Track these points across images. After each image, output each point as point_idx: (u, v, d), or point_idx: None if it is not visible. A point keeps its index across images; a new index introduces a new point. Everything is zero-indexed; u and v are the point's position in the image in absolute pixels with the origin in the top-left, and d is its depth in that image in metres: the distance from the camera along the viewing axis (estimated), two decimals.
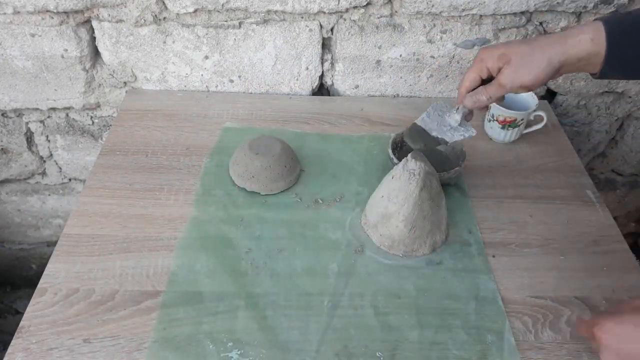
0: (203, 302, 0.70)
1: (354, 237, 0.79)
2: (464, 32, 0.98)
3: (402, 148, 0.90)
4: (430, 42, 0.99)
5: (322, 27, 0.98)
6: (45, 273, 0.72)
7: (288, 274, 0.74)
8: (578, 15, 0.97)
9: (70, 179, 1.25)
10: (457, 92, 0.71)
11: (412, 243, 0.76)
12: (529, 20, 0.98)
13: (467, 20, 0.97)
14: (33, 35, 0.95)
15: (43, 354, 0.63)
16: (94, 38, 0.98)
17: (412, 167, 0.73)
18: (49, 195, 1.29)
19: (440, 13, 0.95)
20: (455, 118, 0.73)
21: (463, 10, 0.95)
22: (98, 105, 1.09)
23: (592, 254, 0.79)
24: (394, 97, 1.09)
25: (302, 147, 0.94)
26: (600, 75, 0.59)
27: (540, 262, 0.77)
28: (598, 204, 0.87)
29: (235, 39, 0.99)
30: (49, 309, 0.68)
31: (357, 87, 1.07)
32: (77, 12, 0.93)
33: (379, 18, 0.97)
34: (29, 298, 0.69)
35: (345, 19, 0.97)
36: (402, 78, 1.06)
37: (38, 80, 1.03)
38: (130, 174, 0.88)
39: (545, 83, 0.61)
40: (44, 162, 1.21)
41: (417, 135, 0.75)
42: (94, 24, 0.96)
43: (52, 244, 1.42)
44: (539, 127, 0.97)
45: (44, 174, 1.24)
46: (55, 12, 0.92)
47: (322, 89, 1.10)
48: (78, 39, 0.96)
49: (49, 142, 1.17)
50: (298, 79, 1.06)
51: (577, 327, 0.61)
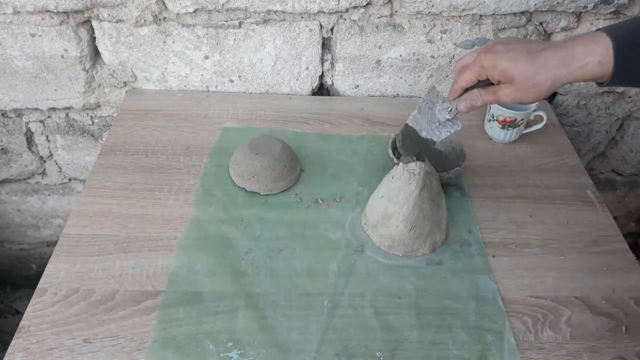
0: (203, 302, 0.70)
1: (354, 237, 0.79)
2: (464, 32, 0.98)
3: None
4: (430, 42, 0.99)
5: (322, 27, 0.98)
6: (45, 273, 0.72)
7: (288, 274, 0.74)
8: (578, 15, 0.97)
9: (70, 179, 1.25)
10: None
11: (412, 243, 0.76)
12: (529, 20, 0.98)
13: (467, 20, 0.97)
14: (33, 35, 0.95)
15: (43, 354, 0.63)
16: (94, 38, 0.99)
17: (412, 167, 0.73)
18: (49, 195, 1.29)
19: (440, 13, 0.95)
20: (445, 116, 0.72)
21: (463, 10, 0.95)
22: (98, 105, 1.09)
23: (592, 254, 0.79)
24: (394, 97, 1.09)
25: (302, 147, 0.94)
26: (606, 85, 0.57)
27: (540, 262, 0.77)
28: (598, 204, 0.87)
29: (235, 39, 0.99)
30: (49, 309, 0.68)
31: (357, 87, 1.07)
32: (77, 12, 0.93)
33: (379, 18, 0.97)
34: (29, 298, 0.69)
35: (345, 19, 0.97)
36: (402, 78, 1.06)
37: (38, 80, 1.03)
38: (130, 174, 0.88)
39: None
40: (44, 162, 1.21)
41: (409, 144, 0.75)
42: (94, 24, 0.96)
43: (52, 244, 1.42)
44: (539, 127, 0.97)
45: (44, 174, 1.24)
46: (55, 12, 0.92)
47: (322, 89, 1.10)
48: (78, 39, 0.96)
49: (49, 142, 1.17)
50: (298, 79, 1.06)
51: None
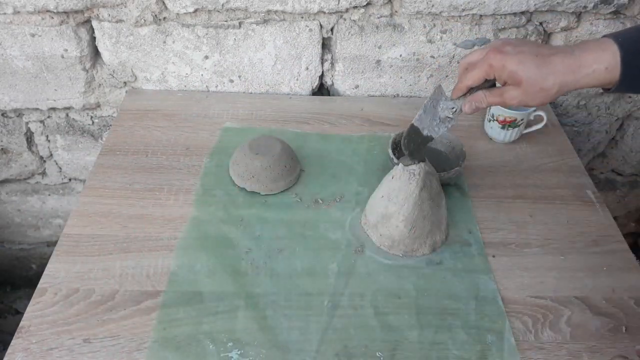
0: (203, 302, 0.70)
1: (354, 237, 0.79)
2: (464, 32, 0.98)
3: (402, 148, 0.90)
4: (430, 42, 0.99)
5: (322, 27, 0.98)
6: (45, 273, 0.72)
7: (288, 274, 0.74)
8: (578, 15, 0.97)
9: (70, 179, 1.25)
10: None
11: (412, 243, 0.76)
12: (529, 20, 0.98)
13: (467, 20, 0.97)
14: (33, 35, 0.95)
15: (43, 354, 0.63)
16: (94, 38, 0.99)
17: (412, 167, 0.73)
18: (49, 195, 1.29)
19: (440, 13, 0.95)
20: (447, 115, 0.72)
21: (463, 10, 0.95)
22: (98, 105, 1.09)
23: (592, 254, 0.79)
24: (394, 97, 1.09)
25: (302, 147, 0.94)
26: (611, 92, 0.58)
27: (540, 262, 0.77)
28: (598, 204, 0.87)
29: (235, 39, 0.99)
30: (49, 309, 0.68)
31: (357, 87, 1.07)
32: (77, 12, 0.93)
33: (379, 18, 0.97)
34: (29, 298, 0.69)
35: (345, 19, 0.97)
36: (402, 78, 1.06)
37: (38, 80, 1.03)
38: (130, 174, 0.88)
39: None
40: (44, 162, 1.21)
41: (410, 143, 0.74)
42: (94, 24, 0.96)
43: (52, 244, 1.42)
44: (539, 127, 0.97)
45: (44, 174, 1.24)
46: (55, 12, 0.92)
47: (322, 89, 1.10)
48: (78, 39, 0.96)
49: (49, 142, 1.17)
50: (298, 79, 1.06)
51: None
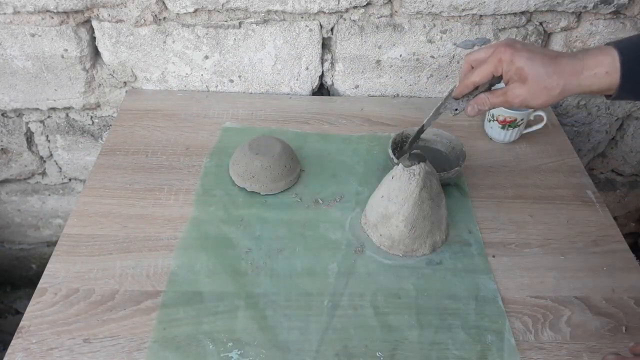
0: (203, 302, 0.70)
1: (354, 237, 0.79)
2: (464, 32, 0.98)
3: (402, 148, 0.90)
4: (430, 42, 0.99)
5: (322, 27, 0.98)
6: (45, 273, 0.72)
7: (288, 274, 0.74)
8: (578, 15, 0.97)
9: (70, 179, 1.25)
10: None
11: (412, 243, 0.76)
12: (529, 20, 0.98)
13: (467, 20, 0.97)
14: (33, 35, 0.95)
15: (43, 354, 0.63)
16: (94, 38, 0.99)
17: (412, 167, 0.73)
18: (49, 195, 1.29)
19: (440, 13, 0.95)
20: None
21: (463, 10, 0.95)
22: (98, 105, 1.09)
23: (592, 254, 0.79)
24: (394, 97, 1.09)
25: (302, 147, 0.94)
26: (614, 99, 0.59)
27: (540, 262, 0.77)
28: (598, 204, 0.87)
29: (235, 39, 0.99)
30: (49, 309, 0.68)
31: (357, 87, 1.07)
32: (77, 12, 0.93)
33: (379, 18, 0.97)
34: (29, 298, 0.69)
35: (345, 19, 0.97)
36: (402, 78, 1.06)
37: (38, 80, 1.03)
38: (130, 174, 0.88)
39: None
40: (44, 162, 1.21)
41: (410, 142, 0.74)
42: (94, 24, 0.96)
43: (52, 244, 1.42)
44: (539, 127, 0.97)
45: (44, 174, 1.24)
46: (55, 12, 0.92)
47: (322, 89, 1.10)
48: (78, 39, 0.96)
49: (49, 142, 1.17)
50: (298, 79, 1.06)
51: None
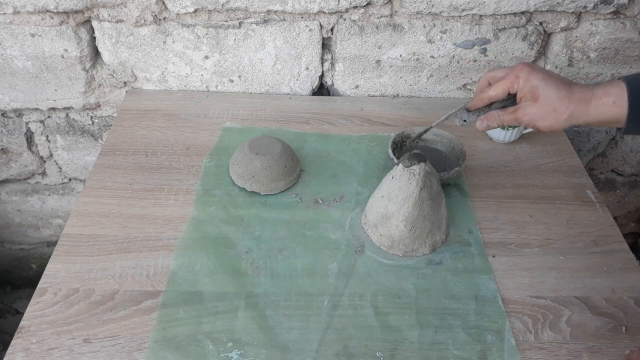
0: (203, 302, 0.70)
1: (354, 237, 0.79)
2: (464, 32, 0.98)
3: (402, 148, 0.90)
4: (430, 42, 0.99)
5: (322, 27, 0.98)
6: (45, 273, 0.72)
7: (288, 274, 0.74)
8: (578, 15, 0.97)
9: (70, 179, 1.25)
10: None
11: (412, 243, 0.76)
12: (529, 20, 0.98)
13: (467, 20, 0.97)
14: (33, 35, 0.95)
15: (43, 354, 0.63)
16: (94, 38, 0.99)
17: (412, 167, 0.73)
18: (49, 195, 1.29)
19: (440, 13, 0.95)
20: (457, 123, 0.72)
21: (463, 10, 0.95)
22: (98, 105, 1.09)
23: (592, 254, 0.79)
24: (394, 97, 1.09)
25: (302, 147, 0.94)
26: (624, 132, 0.60)
27: (540, 262, 0.77)
28: (598, 204, 0.87)
29: (235, 39, 0.99)
30: (49, 309, 0.68)
31: (357, 87, 1.07)
32: (77, 12, 0.93)
33: (379, 18, 0.97)
34: (29, 298, 0.69)
35: (345, 19, 0.97)
36: (402, 78, 1.06)
37: (38, 80, 1.03)
38: (130, 174, 0.88)
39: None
40: (44, 162, 1.21)
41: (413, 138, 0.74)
42: (94, 24, 0.96)
43: (52, 244, 1.42)
44: None
45: (44, 174, 1.24)
46: (55, 12, 0.92)
47: (322, 89, 1.10)
48: (78, 39, 0.96)
49: (49, 142, 1.17)
50: (298, 79, 1.06)
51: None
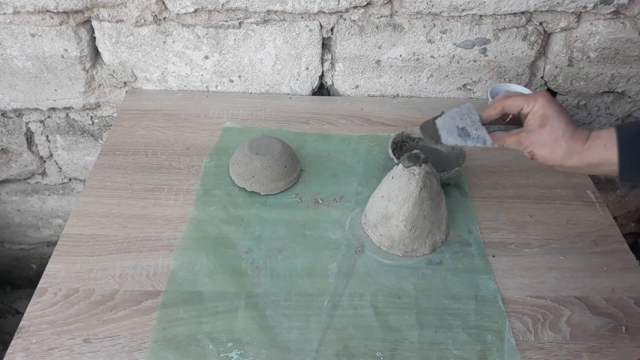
0: (203, 302, 0.70)
1: (354, 237, 0.79)
2: (464, 32, 0.98)
3: (402, 148, 0.90)
4: (430, 42, 0.99)
5: (322, 27, 0.98)
6: (45, 273, 0.72)
7: (288, 274, 0.74)
8: (578, 15, 0.97)
9: (70, 179, 1.25)
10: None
11: (412, 243, 0.76)
12: (529, 20, 0.98)
13: (467, 20, 0.97)
14: (33, 35, 0.95)
15: (43, 354, 0.63)
16: (94, 38, 0.99)
17: (412, 167, 0.73)
18: (49, 195, 1.29)
19: (440, 13, 0.95)
20: (472, 132, 0.70)
21: (463, 10, 0.95)
22: (98, 105, 1.09)
23: (592, 254, 0.79)
24: (394, 97, 1.09)
25: (302, 147, 0.94)
26: (622, 179, 0.61)
27: (540, 262, 0.77)
28: (598, 204, 0.87)
29: (235, 39, 0.99)
30: (49, 309, 0.68)
31: (357, 87, 1.07)
32: (77, 12, 0.93)
33: (379, 18, 0.97)
34: (29, 298, 0.69)
35: (345, 19, 0.97)
36: (402, 78, 1.06)
37: (38, 80, 1.03)
38: (130, 174, 0.88)
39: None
40: (44, 162, 1.21)
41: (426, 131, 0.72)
42: (94, 24, 0.96)
43: (52, 244, 1.42)
44: None
45: (44, 174, 1.24)
46: (55, 12, 0.92)
47: (322, 89, 1.10)
48: (78, 39, 0.96)
49: (49, 142, 1.17)
50: (298, 79, 1.06)
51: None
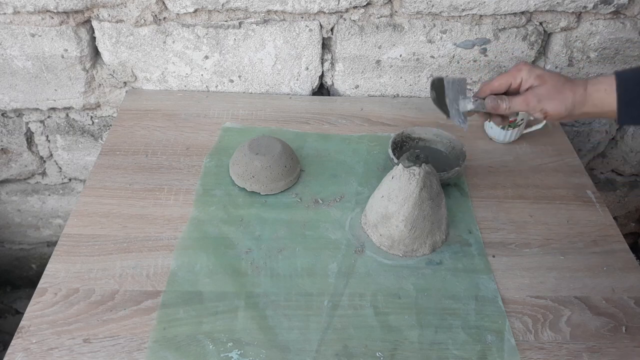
0: (203, 302, 0.70)
1: (354, 237, 0.79)
2: (464, 32, 0.98)
3: (402, 148, 0.90)
4: (430, 42, 0.99)
5: (322, 27, 0.98)
6: (45, 273, 0.72)
7: (288, 274, 0.74)
8: (578, 15, 0.97)
9: (70, 179, 1.25)
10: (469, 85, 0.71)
11: (412, 243, 0.76)
12: (529, 20, 0.98)
13: (467, 20, 0.97)
14: (33, 35, 0.95)
15: (43, 354, 0.63)
16: (94, 38, 0.99)
17: (412, 167, 0.73)
18: (49, 195, 1.29)
19: (440, 13, 0.95)
20: (468, 107, 0.72)
21: (463, 10, 0.95)
22: (98, 105, 1.09)
23: (592, 254, 0.79)
24: (394, 97, 1.09)
25: (302, 147, 0.94)
26: (620, 122, 0.64)
27: (540, 262, 0.77)
28: (598, 204, 0.87)
29: (235, 39, 0.99)
30: (49, 309, 0.68)
31: (357, 87, 1.07)
32: (77, 12, 0.93)
33: (379, 18, 0.97)
34: (29, 298, 0.69)
35: (345, 19, 0.97)
36: (402, 78, 1.06)
37: (38, 80, 1.03)
38: (130, 174, 0.88)
39: (559, 121, 0.68)
40: (44, 162, 1.21)
41: (436, 92, 0.75)
42: (94, 24, 0.96)
43: (52, 244, 1.42)
44: (539, 127, 0.97)
45: (44, 174, 1.24)
46: (55, 12, 0.92)
47: (322, 89, 1.10)
48: (78, 39, 0.96)
49: (49, 142, 1.17)
50: (298, 79, 1.06)
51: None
